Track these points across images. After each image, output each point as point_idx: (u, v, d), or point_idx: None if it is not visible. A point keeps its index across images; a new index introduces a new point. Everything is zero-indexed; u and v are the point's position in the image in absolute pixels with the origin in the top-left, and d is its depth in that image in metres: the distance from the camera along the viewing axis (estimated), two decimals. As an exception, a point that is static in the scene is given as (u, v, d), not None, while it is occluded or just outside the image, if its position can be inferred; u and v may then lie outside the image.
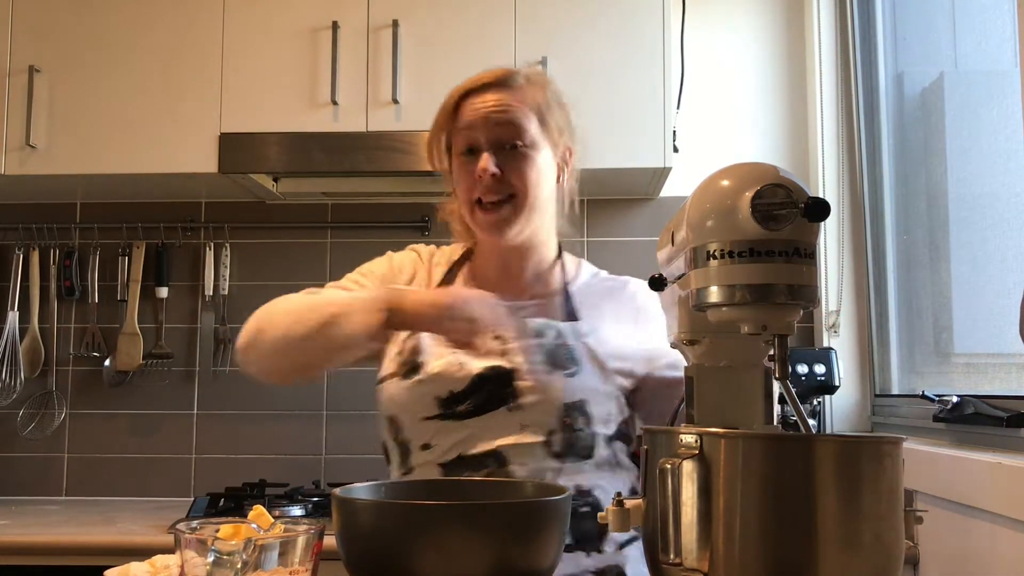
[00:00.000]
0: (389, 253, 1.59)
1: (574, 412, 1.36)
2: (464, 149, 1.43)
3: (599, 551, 1.35)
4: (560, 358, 1.38)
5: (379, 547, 0.87)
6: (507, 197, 1.41)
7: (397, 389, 1.40)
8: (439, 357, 1.38)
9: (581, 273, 1.55)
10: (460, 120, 1.44)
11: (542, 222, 1.47)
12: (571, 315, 1.46)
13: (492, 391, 1.36)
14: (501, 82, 1.45)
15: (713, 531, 0.79)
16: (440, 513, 0.87)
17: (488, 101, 1.42)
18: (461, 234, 1.56)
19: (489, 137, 1.41)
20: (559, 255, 1.54)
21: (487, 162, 1.39)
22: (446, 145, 1.49)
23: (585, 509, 1.33)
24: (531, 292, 1.49)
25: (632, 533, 1.38)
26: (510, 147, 1.41)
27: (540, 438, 1.35)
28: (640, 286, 1.51)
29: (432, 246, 1.61)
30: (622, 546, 1.38)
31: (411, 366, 1.39)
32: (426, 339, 1.41)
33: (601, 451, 1.38)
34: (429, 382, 1.37)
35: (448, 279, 1.52)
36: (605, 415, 1.38)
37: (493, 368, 1.36)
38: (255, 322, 1.39)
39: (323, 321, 1.30)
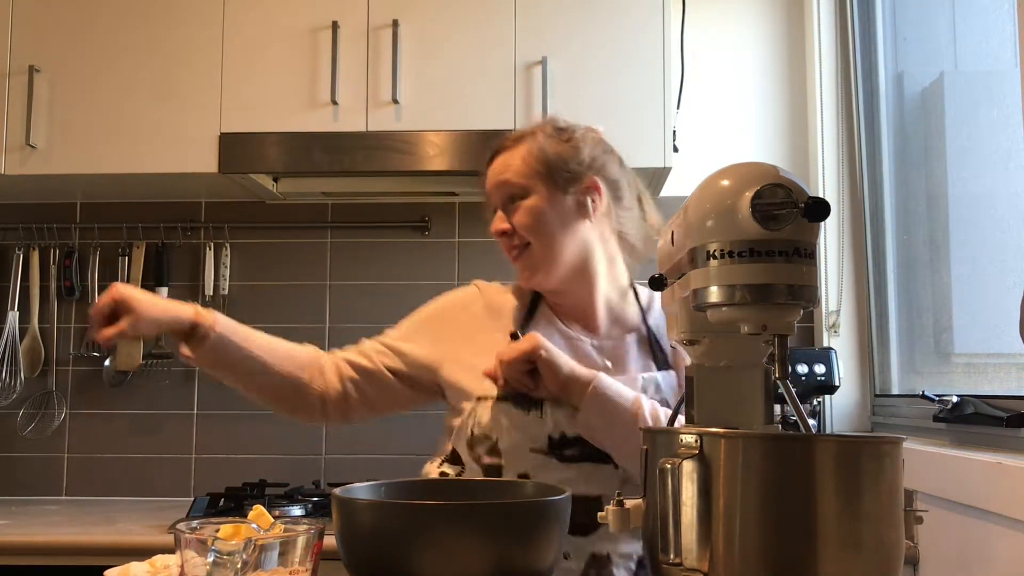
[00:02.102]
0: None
1: None
2: (492, 214, 1.53)
3: None
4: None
5: (379, 547, 0.87)
6: (523, 247, 1.50)
7: (509, 415, 1.41)
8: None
9: (654, 304, 1.58)
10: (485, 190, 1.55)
11: (577, 262, 1.51)
12: (658, 352, 1.51)
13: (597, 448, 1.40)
14: (498, 148, 1.54)
15: (713, 531, 0.79)
16: (440, 513, 0.87)
17: (494, 166, 1.53)
18: None
19: (497, 199, 1.52)
20: (632, 288, 1.58)
21: (496, 223, 1.51)
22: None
23: None
24: (608, 329, 1.53)
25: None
26: (510, 202, 1.50)
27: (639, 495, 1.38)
28: None
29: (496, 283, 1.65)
30: None
31: (529, 399, 1.41)
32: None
33: None
34: (549, 420, 1.40)
35: (532, 311, 1.55)
36: None
37: None
38: None
39: None
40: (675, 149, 2.38)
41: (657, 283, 1.05)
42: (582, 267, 1.51)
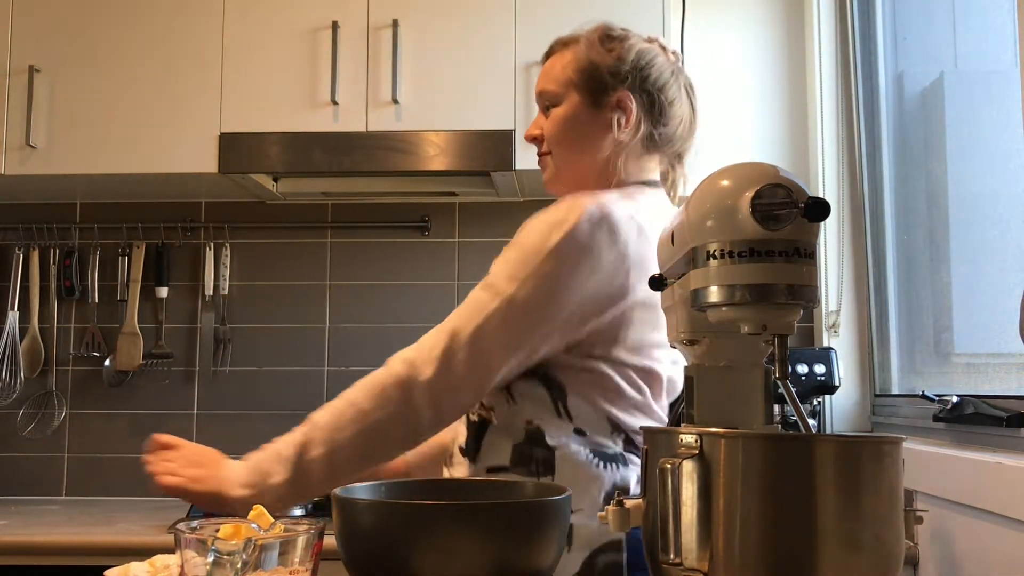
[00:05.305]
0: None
1: None
2: None
3: None
4: None
5: (379, 547, 0.87)
6: (547, 155, 1.49)
7: None
8: None
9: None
10: None
11: (595, 178, 1.44)
12: None
13: None
14: (549, 51, 1.52)
15: (713, 531, 0.79)
16: (440, 513, 0.87)
17: (542, 71, 1.51)
18: None
19: (539, 105, 1.51)
20: None
21: (529, 128, 1.51)
22: None
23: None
24: None
25: None
26: (547, 109, 1.49)
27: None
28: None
29: None
30: None
31: None
32: None
33: None
34: None
35: None
36: None
37: None
38: None
39: None
40: (675, 149, 2.38)
41: (657, 283, 1.05)
42: (599, 184, 1.43)
